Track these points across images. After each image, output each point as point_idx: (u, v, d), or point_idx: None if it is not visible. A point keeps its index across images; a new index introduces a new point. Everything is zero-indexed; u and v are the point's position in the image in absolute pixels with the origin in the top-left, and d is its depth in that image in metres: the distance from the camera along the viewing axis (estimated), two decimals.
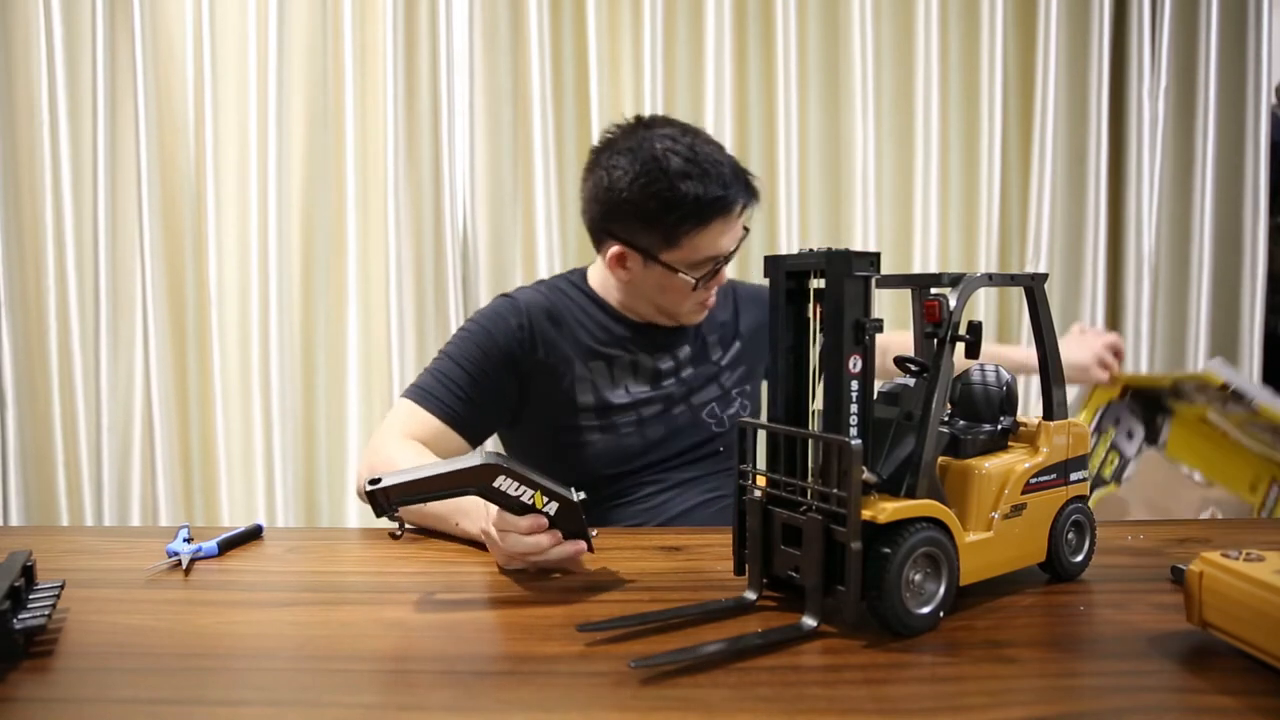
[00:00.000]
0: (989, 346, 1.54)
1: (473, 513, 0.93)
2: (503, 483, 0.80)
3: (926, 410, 0.69)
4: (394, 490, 0.78)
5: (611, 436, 1.21)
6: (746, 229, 1.22)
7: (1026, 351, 1.47)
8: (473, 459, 0.80)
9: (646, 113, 1.85)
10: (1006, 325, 2.00)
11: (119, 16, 1.80)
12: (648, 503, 1.22)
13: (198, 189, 1.85)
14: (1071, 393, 1.42)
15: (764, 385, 1.40)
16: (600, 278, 1.26)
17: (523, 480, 0.81)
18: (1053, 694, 0.57)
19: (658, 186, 1.12)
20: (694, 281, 1.17)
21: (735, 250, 1.20)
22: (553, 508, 0.82)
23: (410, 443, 1.10)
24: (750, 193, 1.18)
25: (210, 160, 1.83)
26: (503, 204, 1.92)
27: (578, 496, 0.84)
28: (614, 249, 1.18)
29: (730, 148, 1.89)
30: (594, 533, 0.86)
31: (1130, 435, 1.43)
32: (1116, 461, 1.42)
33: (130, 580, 0.84)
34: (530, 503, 0.81)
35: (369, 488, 0.78)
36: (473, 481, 0.80)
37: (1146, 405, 1.42)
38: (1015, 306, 1.98)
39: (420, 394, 1.15)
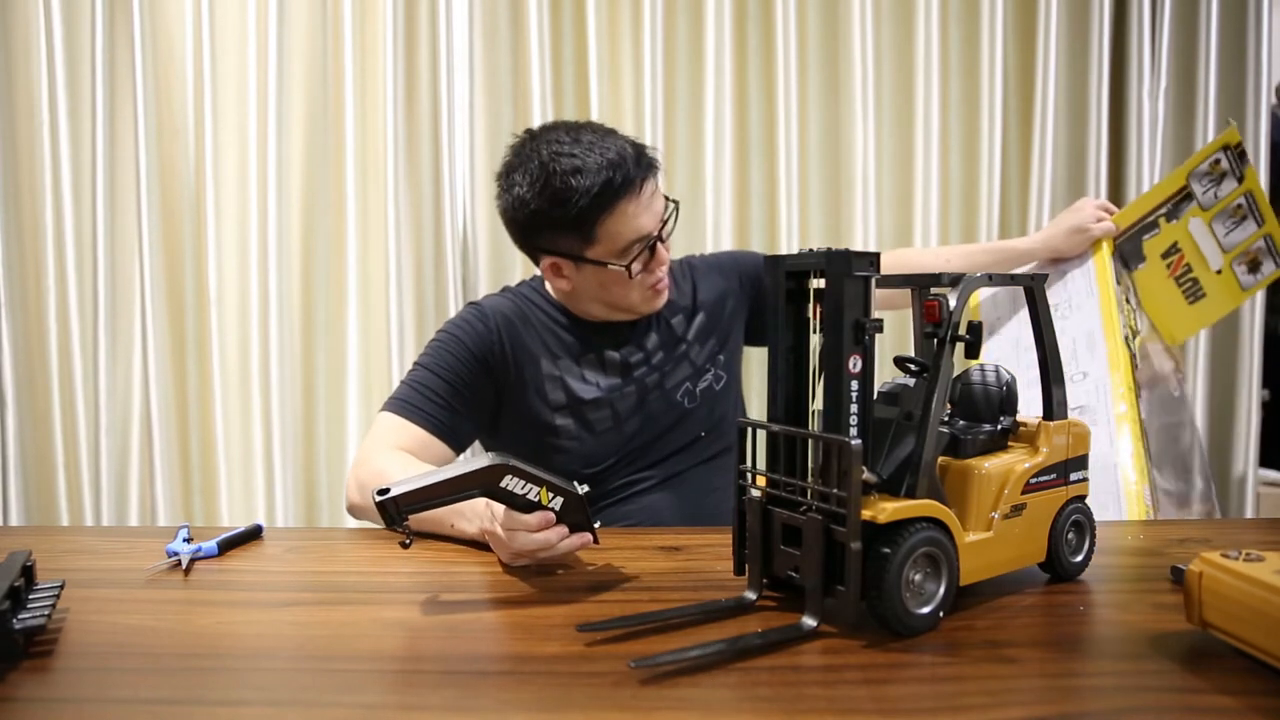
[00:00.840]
0: (994, 244, 1.62)
1: (469, 514, 0.94)
2: (510, 482, 0.81)
3: (926, 410, 0.69)
4: (403, 499, 0.78)
5: (589, 435, 1.21)
6: (674, 201, 1.21)
7: (1031, 240, 1.52)
8: (479, 461, 0.80)
9: (647, 113, 1.87)
10: None
11: (119, 17, 1.80)
12: (636, 502, 1.22)
13: (197, 189, 1.85)
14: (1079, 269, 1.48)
15: (744, 354, 1.40)
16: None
17: (529, 478, 0.82)
18: (1053, 694, 0.57)
19: (553, 189, 1.12)
20: (626, 270, 1.16)
21: (666, 228, 1.19)
22: (558, 503, 0.83)
23: (398, 454, 1.09)
24: (645, 166, 1.16)
25: (210, 160, 1.83)
26: None
27: (582, 489, 0.84)
28: (546, 262, 1.20)
29: (730, 148, 1.92)
30: (596, 523, 0.87)
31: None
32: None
33: (130, 580, 0.84)
34: (537, 500, 0.82)
35: (377, 498, 0.77)
36: (480, 484, 0.80)
37: (1132, 253, 1.50)
38: None
39: (401, 405, 1.15)
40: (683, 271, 1.36)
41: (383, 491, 0.77)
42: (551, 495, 0.83)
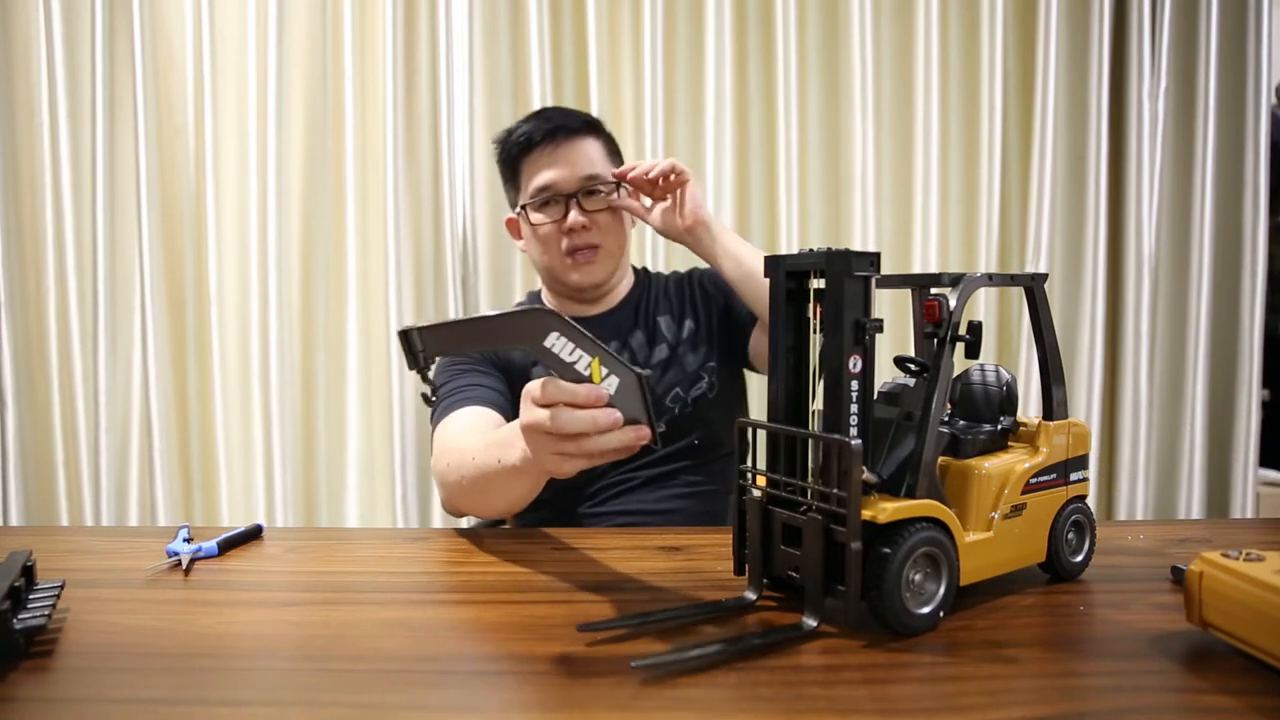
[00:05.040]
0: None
1: (510, 439, 0.87)
2: (555, 342, 0.68)
3: (926, 410, 0.69)
4: (428, 333, 0.66)
5: None
6: (617, 182, 1.25)
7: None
8: (522, 307, 0.73)
9: (647, 113, 1.87)
10: (1006, 325, 2.00)
11: (119, 17, 1.80)
12: (622, 502, 1.21)
13: (197, 189, 1.85)
14: None
15: (742, 369, 1.38)
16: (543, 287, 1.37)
17: (580, 342, 0.68)
18: (1053, 694, 0.57)
19: (498, 141, 1.30)
20: (524, 213, 1.25)
21: (588, 195, 1.24)
22: (612, 383, 0.69)
23: (462, 433, 1.07)
24: (569, 130, 1.23)
25: (210, 160, 1.83)
26: (502, 204, 1.91)
27: (645, 372, 0.71)
28: (508, 220, 1.34)
29: (730, 148, 1.92)
30: (661, 427, 0.73)
31: None
32: None
33: (130, 580, 0.84)
34: (586, 373, 0.69)
35: (399, 329, 0.67)
36: (519, 333, 0.68)
37: None
38: (1015, 306, 1.98)
39: (445, 408, 1.14)
40: (678, 277, 1.40)
41: (405, 329, 0.67)
42: (605, 372, 0.69)
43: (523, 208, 1.27)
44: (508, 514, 1.00)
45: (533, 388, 0.72)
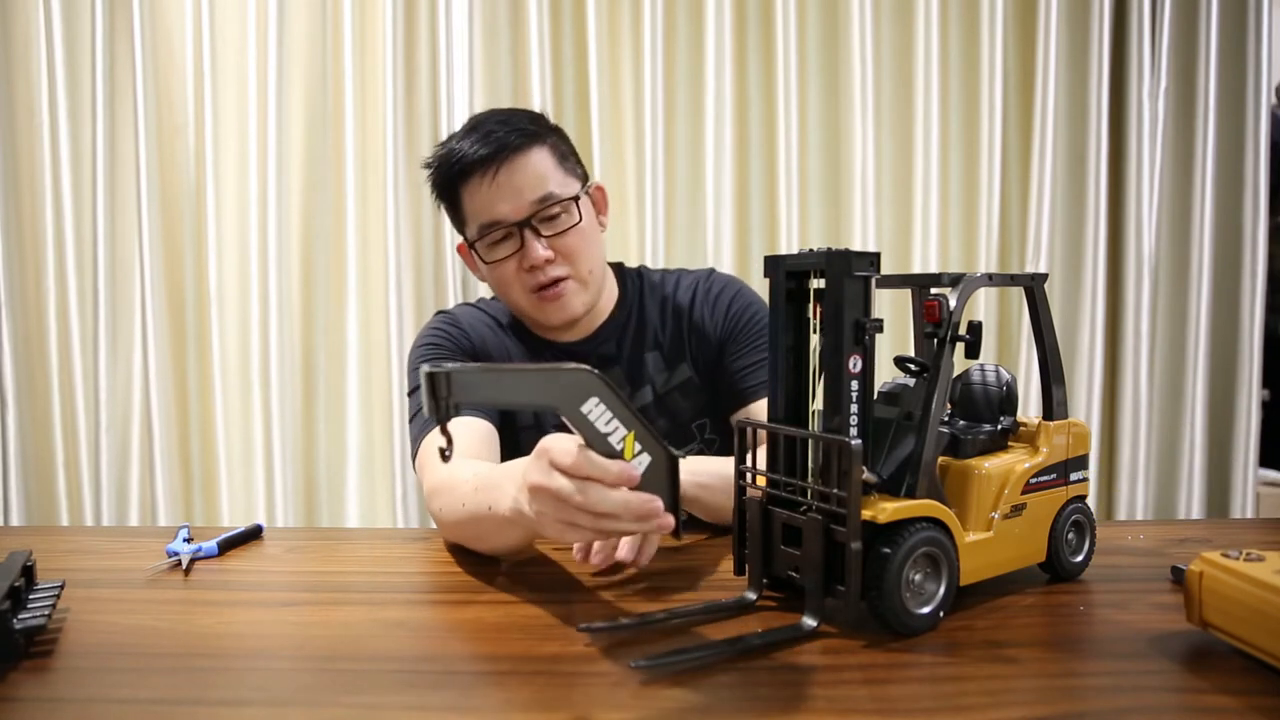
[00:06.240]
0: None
1: (503, 483, 0.77)
2: (593, 409, 0.61)
3: (926, 410, 0.69)
4: (458, 378, 0.59)
5: None
6: (576, 198, 1.08)
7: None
8: (564, 365, 0.63)
9: (647, 113, 1.87)
10: (1006, 325, 2.00)
11: (119, 16, 1.80)
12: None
13: (197, 189, 1.85)
14: None
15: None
16: None
17: (619, 413, 0.62)
18: (1053, 694, 0.57)
19: (429, 161, 1.10)
20: (473, 248, 1.08)
21: (532, 216, 1.04)
22: (643, 461, 0.63)
23: (460, 458, 0.91)
24: (511, 148, 1.03)
25: (210, 160, 1.83)
26: None
27: (678, 453, 0.65)
28: (458, 244, 1.16)
29: (730, 148, 1.92)
30: (684, 515, 0.68)
31: None
32: None
33: (130, 580, 0.84)
34: (619, 447, 0.62)
35: (427, 369, 0.59)
36: (556, 395, 0.61)
37: None
38: (1015, 306, 1.98)
39: (426, 421, 1.04)
40: (677, 315, 1.18)
41: (436, 367, 0.60)
42: (638, 448, 0.62)
43: (472, 245, 1.10)
44: (509, 556, 0.90)
45: (557, 453, 0.64)
